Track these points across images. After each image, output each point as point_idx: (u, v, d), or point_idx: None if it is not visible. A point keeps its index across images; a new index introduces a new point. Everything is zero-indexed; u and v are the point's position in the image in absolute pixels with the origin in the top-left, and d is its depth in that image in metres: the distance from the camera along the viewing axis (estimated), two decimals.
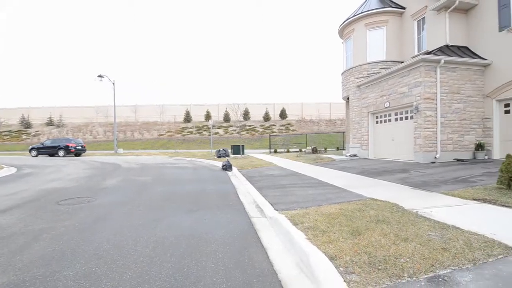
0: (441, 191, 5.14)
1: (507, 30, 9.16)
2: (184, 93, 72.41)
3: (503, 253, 2.44)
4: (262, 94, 71.90)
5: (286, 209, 4.32)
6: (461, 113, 9.90)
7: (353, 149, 13.93)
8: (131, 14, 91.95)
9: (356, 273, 2.20)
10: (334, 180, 6.94)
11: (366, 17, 13.04)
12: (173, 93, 72.13)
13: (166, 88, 73.60)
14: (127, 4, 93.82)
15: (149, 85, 74.18)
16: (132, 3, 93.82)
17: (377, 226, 3.23)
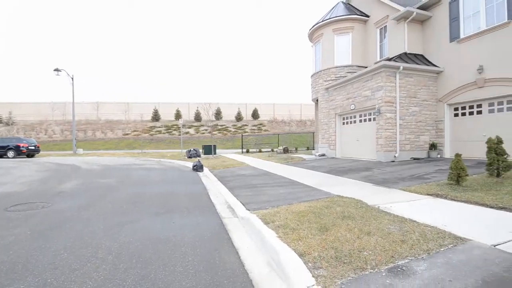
0: (400, 187, 5.56)
1: (456, 41, 10.20)
2: (152, 91, 69.44)
3: (453, 243, 2.70)
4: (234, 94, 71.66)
5: (258, 209, 4.34)
6: (417, 115, 10.80)
7: (322, 148, 14.48)
8: (94, 4, 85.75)
9: (324, 268, 2.28)
10: (304, 179, 7.15)
11: (333, 23, 13.64)
12: (140, 90, 68.75)
13: (132, 85, 69.86)
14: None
15: (113, 81, 69.60)
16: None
17: (343, 222, 3.39)
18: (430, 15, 11.15)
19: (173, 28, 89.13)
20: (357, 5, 14.31)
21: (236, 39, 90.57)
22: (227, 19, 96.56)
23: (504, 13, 8.67)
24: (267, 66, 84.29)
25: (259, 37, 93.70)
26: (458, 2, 10.10)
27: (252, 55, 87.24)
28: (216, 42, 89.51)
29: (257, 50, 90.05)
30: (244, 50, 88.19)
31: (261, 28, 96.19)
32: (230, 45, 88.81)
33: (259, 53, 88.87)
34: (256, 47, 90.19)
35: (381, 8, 12.68)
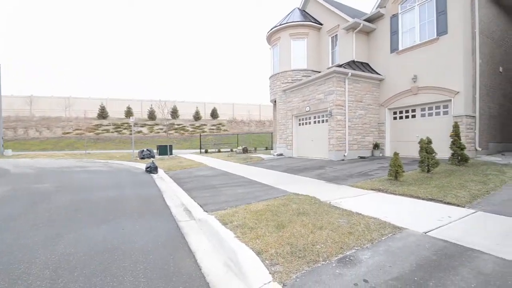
0: (348, 184, 6.03)
1: (396, 52, 11.49)
2: (98, 86, 63.36)
3: (392, 232, 3.02)
4: (192, 92, 69.43)
5: (216, 210, 4.27)
6: (363, 118, 11.87)
7: (279, 148, 14.93)
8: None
9: (280, 264, 2.35)
10: (263, 178, 7.28)
11: (290, 28, 14.19)
12: (84, 84, 62.18)
13: (75, 78, 62.82)
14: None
15: (51, 74, 61.78)
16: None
17: (299, 218, 3.53)
18: (374, 28, 12.35)
19: (126, 18, 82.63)
20: (312, 13, 15.12)
21: (195, 38, 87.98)
22: (187, 17, 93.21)
23: (433, 30, 10.06)
24: (226, 66, 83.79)
25: (219, 38, 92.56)
26: (397, 18, 11.40)
27: (212, 54, 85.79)
28: (173, 39, 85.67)
29: (217, 49, 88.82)
30: (204, 49, 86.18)
31: (221, 29, 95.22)
32: (188, 43, 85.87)
33: (219, 53, 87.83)
34: (215, 47, 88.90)
35: (332, 18, 13.60)
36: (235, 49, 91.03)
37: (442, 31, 9.69)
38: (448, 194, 4.49)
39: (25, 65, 61.31)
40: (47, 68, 62.57)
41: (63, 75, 62.81)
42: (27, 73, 58.36)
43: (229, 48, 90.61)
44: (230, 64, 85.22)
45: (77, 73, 64.36)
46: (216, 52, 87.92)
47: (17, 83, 55.80)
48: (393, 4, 11.49)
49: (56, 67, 64.34)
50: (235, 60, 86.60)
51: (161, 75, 73.35)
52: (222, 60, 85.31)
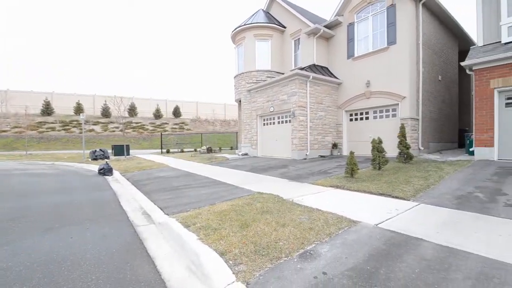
0: (310, 182, 6.30)
1: (352, 58, 12.33)
2: (43, 79, 56.60)
3: (348, 225, 3.23)
4: (153, 89, 65.97)
5: (178, 212, 4.12)
6: (323, 119, 12.52)
7: (244, 148, 14.98)
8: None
9: (244, 263, 2.35)
10: (228, 178, 7.22)
11: (255, 28, 14.33)
12: (25, 77, 54.99)
13: (13, 69, 55.21)
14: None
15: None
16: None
17: (262, 217, 3.58)
18: (333, 34, 13.09)
19: (76, 4, 74.99)
20: (276, 15, 15.46)
21: (158, 34, 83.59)
22: (149, 11, 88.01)
23: (384, 39, 11.02)
24: (190, 64, 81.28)
25: (183, 35, 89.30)
26: (353, 26, 12.24)
27: (175, 51, 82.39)
28: (135, 32, 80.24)
29: (181, 47, 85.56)
30: (167, 45, 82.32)
31: (186, 26, 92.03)
32: (150, 39, 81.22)
33: (183, 50, 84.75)
34: (180, 44, 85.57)
35: (295, 22, 14.08)
36: (200, 47, 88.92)
37: (392, 41, 10.68)
38: (396, 189, 4.96)
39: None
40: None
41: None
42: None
43: (194, 45, 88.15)
44: (194, 62, 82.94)
45: (16, 64, 56.62)
46: (180, 49, 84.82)
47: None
48: (350, 13, 12.31)
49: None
50: (200, 58, 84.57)
51: (117, 70, 68.26)
52: (186, 58, 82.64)
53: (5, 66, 55.97)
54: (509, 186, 4.79)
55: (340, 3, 12.57)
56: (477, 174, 6.05)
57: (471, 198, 4.26)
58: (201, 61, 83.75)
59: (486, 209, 3.70)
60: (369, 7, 11.61)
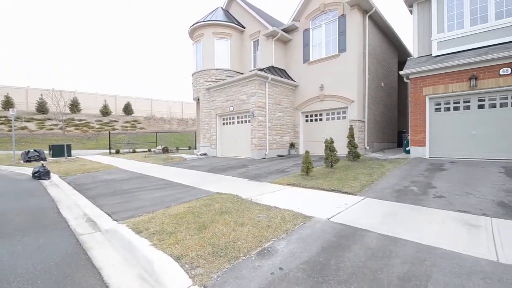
0: (268, 180, 6.44)
1: (307, 63, 12.96)
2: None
3: (303, 221, 3.38)
4: (100, 84, 60.12)
5: (129, 217, 3.82)
6: (282, 119, 12.93)
7: (203, 148, 14.63)
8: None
9: (201, 266, 2.29)
10: (185, 179, 6.96)
11: (214, 26, 14.09)
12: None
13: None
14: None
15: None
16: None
17: (221, 217, 3.53)
18: (290, 38, 13.60)
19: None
20: (235, 15, 15.44)
21: (107, 25, 76.44)
22: (102, 4, 79.83)
23: (336, 47, 11.83)
24: (144, 58, 76.25)
25: (135, 27, 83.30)
26: (309, 32, 12.87)
27: (128, 44, 76.43)
28: (78, 20, 72.02)
29: (134, 39, 79.66)
30: (117, 37, 75.83)
31: (140, 20, 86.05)
32: (97, 29, 73.85)
33: (137, 43, 79.06)
34: (133, 36, 79.62)
35: (254, 23, 14.26)
36: (156, 41, 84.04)
37: (342, 49, 11.53)
38: (345, 185, 5.36)
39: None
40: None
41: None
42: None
43: (148, 39, 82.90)
44: (148, 56, 78.05)
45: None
46: (133, 42, 79.01)
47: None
48: (306, 19, 12.94)
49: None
50: (155, 53, 79.92)
51: (57, 61, 60.62)
52: (140, 52, 77.33)
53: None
54: (438, 180, 5.56)
55: (297, 9, 13.11)
56: (412, 170, 6.89)
57: (408, 191, 4.84)
58: (156, 56, 79.20)
59: (419, 200, 4.23)
60: (322, 15, 12.35)
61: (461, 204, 3.92)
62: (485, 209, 3.67)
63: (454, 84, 8.39)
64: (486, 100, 8.06)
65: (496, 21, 8.19)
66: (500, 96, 7.83)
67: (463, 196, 4.31)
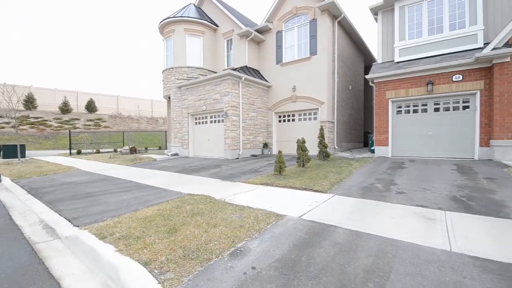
0: (242, 180, 6.43)
1: (280, 64, 13.17)
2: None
3: (276, 220, 3.42)
4: (60, 79, 55.37)
5: (92, 222, 3.57)
6: (255, 120, 12.99)
7: (174, 148, 14.18)
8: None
9: (171, 270, 2.21)
10: (154, 181, 6.69)
11: (185, 23, 13.72)
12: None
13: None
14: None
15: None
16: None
17: (193, 219, 3.45)
18: (264, 39, 13.72)
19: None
20: (208, 12, 15.19)
21: (69, 17, 70.58)
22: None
23: (308, 50, 12.18)
24: (110, 52, 71.80)
25: (101, 21, 78.08)
26: (282, 34, 13.10)
27: (91, 37, 71.36)
28: (39, 12, 65.51)
29: (98, 33, 74.58)
30: (79, 29, 70.40)
31: (104, 10, 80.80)
32: (59, 22, 67.87)
33: (101, 37, 74.14)
34: (96, 30, 74.48)
35: (228, 22, 14.16)
36: (124, 35, 79.56)
37: (313, 52, 11.90)
38: (316, 183, 5.54)
39: None
40: None
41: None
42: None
43: (115, 32, 78.19)
44: (115, 51, 73.65)
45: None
46: (98, 36, 73.97)
47: None
48: (279, 21, 13.14)
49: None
50: (123, 48, 75.66)
51: (11, 53, 54.73)
52: (106, 46, 72.63)
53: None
54: (399, 178, 5.98)
55: (270, 10, 13.27)
56: (377, 168, 7.34)
57: (372, 188, 5.13)
58: (123, 51, 75.02)
59: (383, 196, 4.51)
60: (295, 18, 12.65)
61: (419, 199, 4.25)
62: (440, 203, 4.02)
63: (414, 88, 9.09)
64: (441, 104, 8.85)
65: (450, 32, 9.03)
66: (453, 100, 8.65)
67: (421, 192, 4.69)
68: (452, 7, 8.98)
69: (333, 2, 10.99)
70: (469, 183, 5.18)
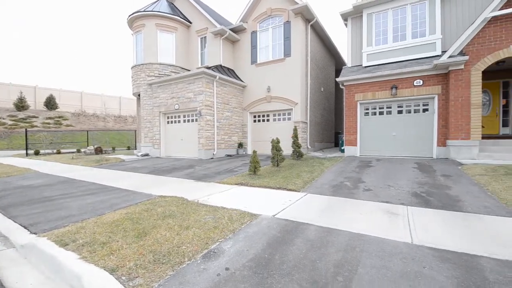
0: (216, 181, 6.35)
1: (255, 64, 13.21)
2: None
3: (250, 219, 3.42)
4: (16, 73, 50.28)
5: (52, 229, 3.30)
6: (230, 119, 12.91)
7: (145, 148, 13.58)
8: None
9: (140, 276, 2.11)
10: (122, 183, 6.35)
11: (157, 18, 13.20)
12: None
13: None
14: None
15: None
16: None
17: (164, 222, 3.33)
18: (239, 38, 13.67)
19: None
20: (181, 8, 14.76)
21: (28, 6, 64.15)
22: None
23: (282, 51, 12.37)
24: (74, 45, 66.79)
25: (63, 12, 72.24)
26: (256, 35, 13.16)
27: (52, 29, 65.74)
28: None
29: (60, 25, 68.91)
30: (38, 20, 64.45)
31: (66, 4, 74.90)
32: (13, 9, 61.44)
33: (63, 28, 68.64)
34: (58, 21, 68.77)
35: (201, 19, 13.89)
36: (89, 27, 74.39)
37: (288, 54, 12.13)
38: (290, 182, 5.65)
39: None
40: None
41: None
42: None
43: (80, 24, 72.85)
44: (80, 44, 68.66)
45: None
46: (60, 27, 68.37)
47: None
48: (253, 21, 13.19)
49: None
50: (88, 41, 70.76)
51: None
52: (68, 39, 67.40)
53: None
54: (366, 176, 6.31)
55: (244, 10, 13.26)
56: (346, 167, 7.68)
57: (342, 186, 5.36)
58: (88, 44, 70.05)
59: (352, 194, 4.73)
60: (269, 19, 12.78)
61: (385, 196, 4.53)
62: (402, 199, 4.32)
63: (380, 92, 9.66)
64: (404, 107, 9.50)
65: (412, 39, 9.72)
66: (414, 103, 9.33)
67: (386, 189, 4.99)
68: (414, 16, 9.69)
69: (306, 6, 11.29)
70: (428, 180, 5.63)
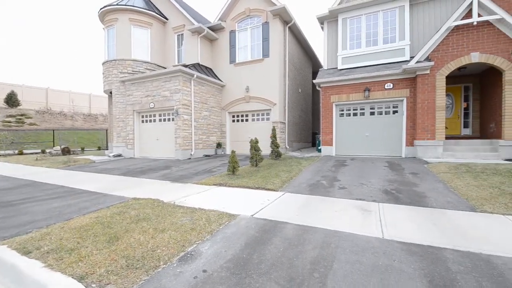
0: (193, 182, 6.23)
1: (234, 64, 13.14)
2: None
3: (228, 220, 3.40)
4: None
5: (13, 236, 3.03)
6: (208, 119, 12.72)
7: (117, 148, 12.96)
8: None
9: (112, 283, 2.01)
10: (92, 185, 6.01)
11: (131, 12, 12.65)
12: None
13: None
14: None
15: None
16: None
17: (137, 226, 3.20)
18: (217, 37, 13.52)
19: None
20: (157, 4, 14.27)
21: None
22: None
23: (261, 52, 12.43)
24: (39, 39, 62.02)
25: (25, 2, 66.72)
26: (235, 34, 13.09)
27: (13, 19, 60.50)
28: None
29: (23, 16, 63.60)
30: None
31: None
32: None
33: (28, 20, 63.48)
34: (23, 11, 63.42)
35: (178, 16, 13.55)
36: (56, 19, 69.44)
37: (266, 54, 12.21)
38: (268, 182, 5.70)
39: None
40: None
41: None
42: None
43: (46, 16, 67.72)
44: (45, 38, 63.88)
45: None
46: (24, 19, 63.07)
47: None
48: (232, 21, 13.12)
49: None
50: (55, 34, 66.05)
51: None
52: (34, 31, 62.41)
53: None
54: (341, 174, 6.54)
55: (223, 9, 13.15)
56: (323, 166, 7.90)
57: (319, 185, 5.51)
58: (56, 37, 65.33)
59: (328, 192, 4.87)
60: (248, 19, 12.78)
61: (358, 193, 4.72)
62: (374, 196, 4.53)
63: (354, 94, 10.06)
64: (375, 108, 9.98)
65: (383, 45, 10.23)
66: (385, 105, 9.83)
67: (359, 187, 5.21)
68: (385, 23, 10.21)
69: (284, 8, 11.45)
70: (398, 178, 5.96)
